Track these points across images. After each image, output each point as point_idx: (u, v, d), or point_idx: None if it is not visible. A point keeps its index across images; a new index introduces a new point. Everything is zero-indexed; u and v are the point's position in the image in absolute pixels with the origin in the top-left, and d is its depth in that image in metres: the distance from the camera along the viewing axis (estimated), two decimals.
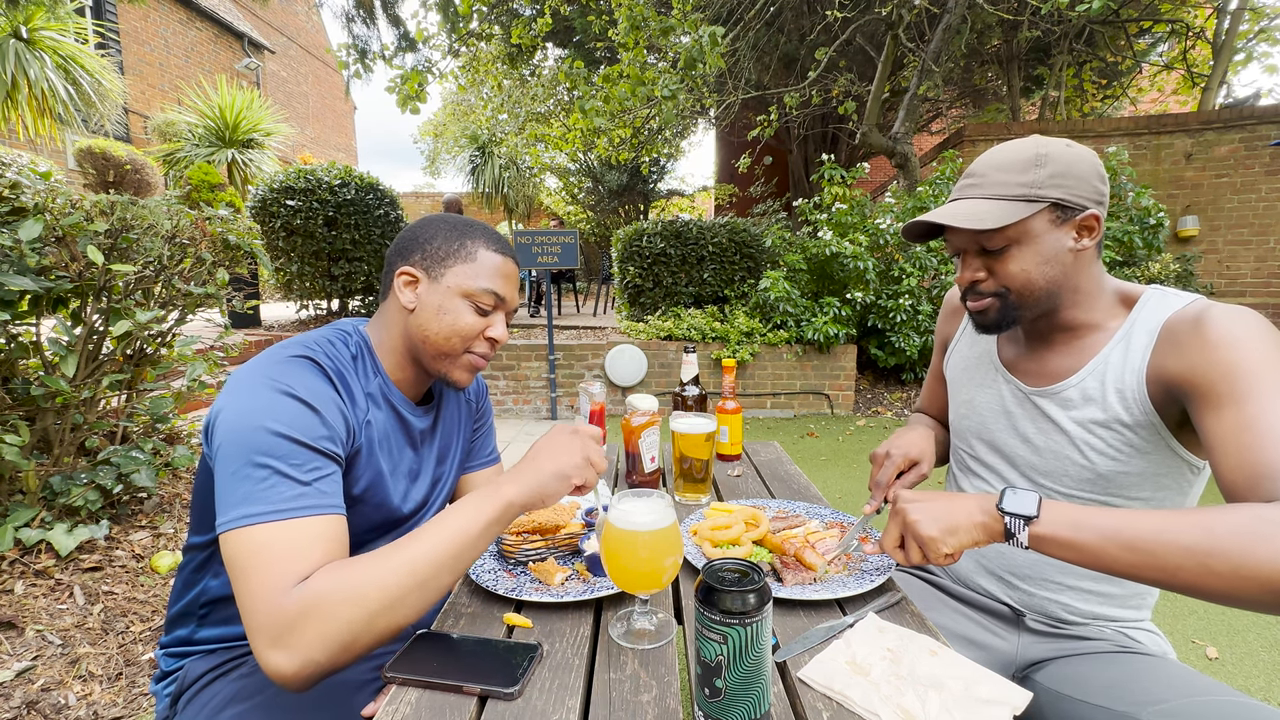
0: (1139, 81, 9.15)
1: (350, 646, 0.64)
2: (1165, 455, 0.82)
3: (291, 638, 0.62)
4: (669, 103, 5.22)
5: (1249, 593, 0.58)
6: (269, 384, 0.73)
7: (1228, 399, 0.69)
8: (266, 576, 0.64)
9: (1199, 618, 2.11)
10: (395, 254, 0.91)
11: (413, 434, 0.94)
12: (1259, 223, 5.93)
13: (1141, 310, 0.85)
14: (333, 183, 5.73)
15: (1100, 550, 0.64)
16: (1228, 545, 0.58)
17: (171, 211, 2.23)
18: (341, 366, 0.83)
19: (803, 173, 9.78)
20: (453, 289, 0.88)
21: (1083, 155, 0.84)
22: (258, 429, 0.70)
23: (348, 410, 0.80)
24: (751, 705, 0.59)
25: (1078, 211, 0.83)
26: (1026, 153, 0.84)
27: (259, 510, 0.67)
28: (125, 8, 10.22)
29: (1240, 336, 0.71)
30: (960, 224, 0.83)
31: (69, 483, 2.02)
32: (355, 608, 0.63)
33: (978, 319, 0.92)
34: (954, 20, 5.51)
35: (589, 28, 7.25)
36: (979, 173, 0.87)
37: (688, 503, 1.20)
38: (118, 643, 1.74)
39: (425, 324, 0.88)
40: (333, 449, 0.75)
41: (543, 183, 13.95)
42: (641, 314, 5.86)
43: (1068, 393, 0.88)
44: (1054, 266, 0.84)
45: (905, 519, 0.75)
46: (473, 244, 0.90)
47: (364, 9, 8.36)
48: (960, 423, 1.06)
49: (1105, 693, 0.78)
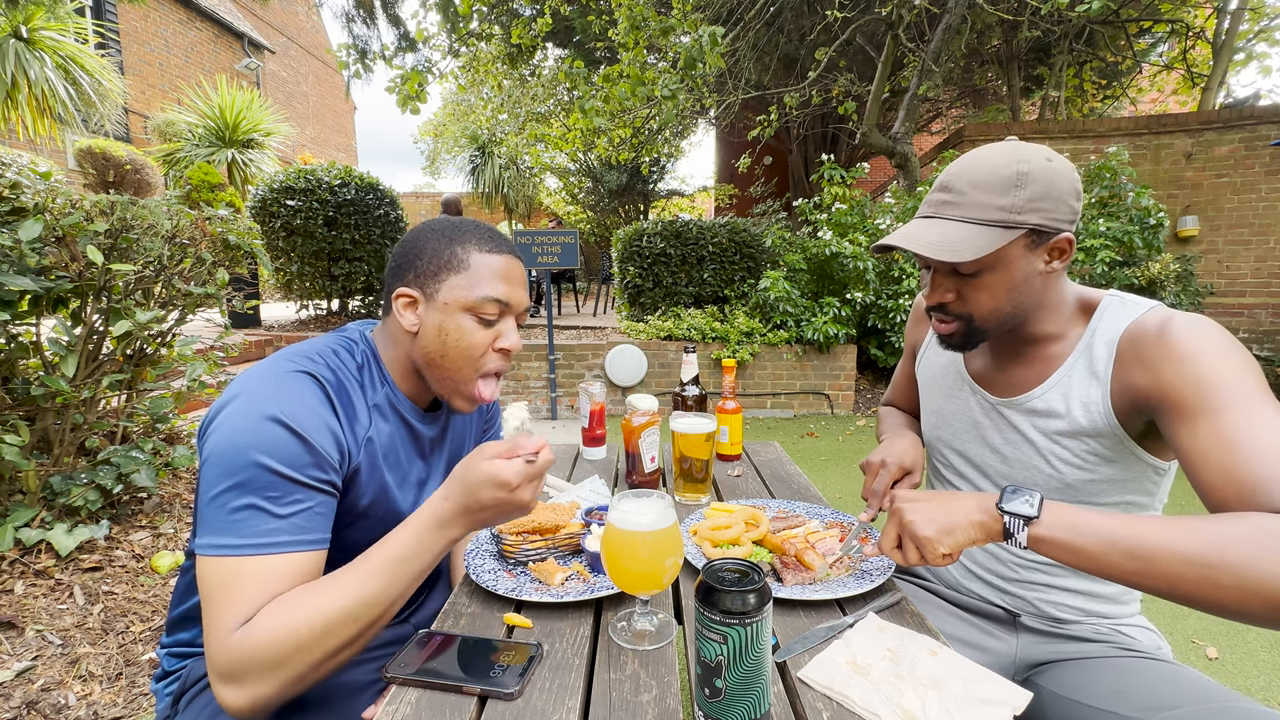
0: (1139, 81, 9.15)
1: (299, 682, 0.66)
2: (1131, 461, 0.83)
3: (240, 677, 0.64)
4: (669, 103, 5.21)
5: (1253, 608, 0.57)
6: (263, 406, 0.70)
7: (1199, 412, 0.69)
8: (221, 613, 0.65)
9: (1199, 618, 2.11)
10: (391, 273, 0.87)
11: (422, 442, 0.92)
12: (1259, 223, 5.92)
13: (1101, 319, 0.84)
14: (333, 183, 5.73)
15: (1100, 556, 0.64)
16: (1232, 558, 0.57)
17: (171, 211, 2.23)
18: (344, 380, 0.81)
19: (803, 173, 9.78)
20: (451, 305, 0.81)
21: (1062, 172, 0.80)
22: (242, 456, 0.68)
23: (344, 432, 0.77)
24: (751, 705, 0.59)
25: (1053, 235, 0.80)
26: (1007, 170, 0.79)
27: (229, 542, 0.67)
28: (125, 8, 10.22)
29: (1205, 348, 0.72)
30: (936, 256, 0.79)
31: (69, 483, 2.02)
32: (299, 651, 0.65)
33: (943, 340, 0.92)
34: (954, 20, 5.51)
35: (589, 28, 7.25)
36: (956, 188, 0.82)
37: (688, 503, 1.20)
38: (118, 643, 1.74)
39: (429, 348, 0.83)
40: (320, 477, 0.73)
41: (543, 183, 13.95)
42: (641, 314, 5.86)
43: (1033, 404, 0.89)
44: (1022, 292, 0.83)
45: (902, 519, 0.74)
46: (463, 249, 0.83)
47: (364, 9, 8.36)
48: (931, 431, 1.07)
49: (1111, 698, 0.77)
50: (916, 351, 1.16)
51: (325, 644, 0.66)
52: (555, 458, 0.76)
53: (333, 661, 0.68)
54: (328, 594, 0.68)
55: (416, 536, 0.73)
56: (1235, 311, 5.96)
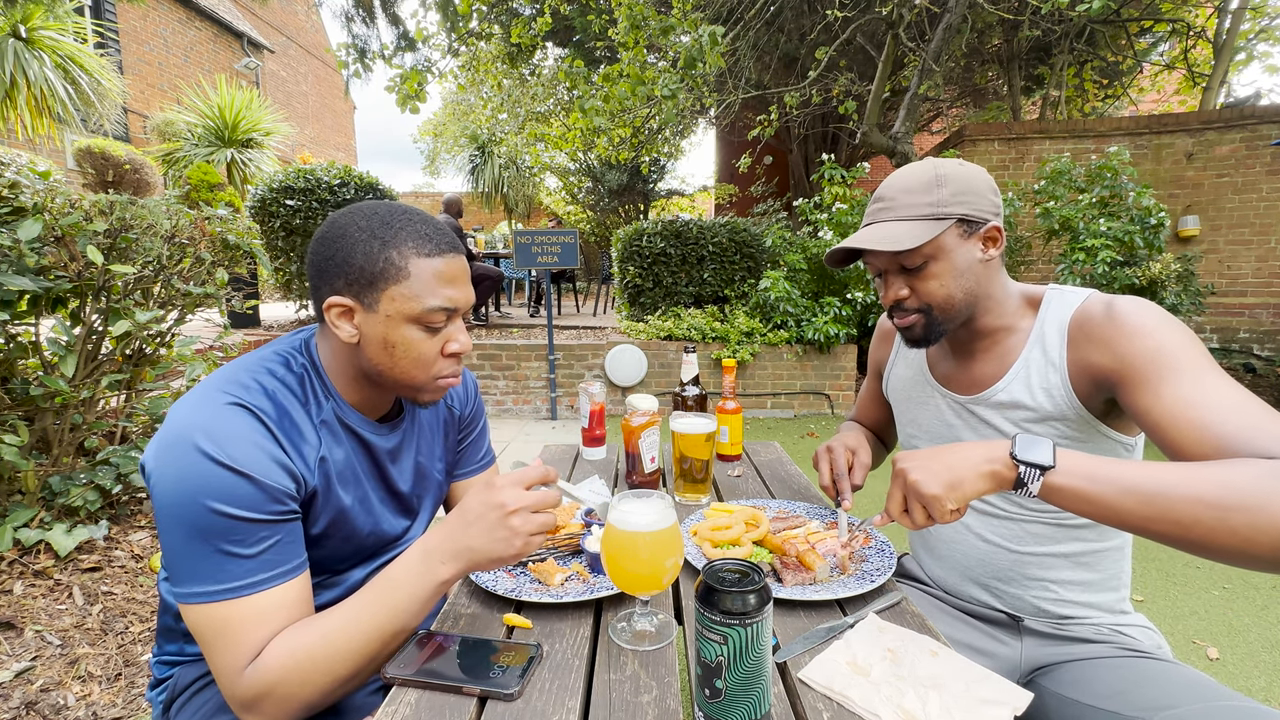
0: (1140, 81, 9.14)
1: (313, 708, 0.70)
2: (1100, 440, 0.87)
3: (257, 708, 0.67)
4: (669, 102, 5.21)
5: (1262, 550, 0.58)
6: (204, 447, 0.67)
7: (1159, 379, 0.74)
8: (225, 658, 0.67)
9: (1200, 618, 2.11)
10: (316, 276, 0.78)
11: (378, 456, 0.86)
12: (1260, 222, 5.92)
13: (1047, 310, 0.91)
14: (332, 182, 5.73)
15: (1116, 503, 0.64)
16: (1247, 499, 0.59)
17: (171, 211, 2.22)
18: (284, 404, 0.75)
19: (803, 172, 9.77)
20: (395, 318, 0.75)
21: (975, 173, 0.91)
22: (194, 504, 0.66)
23: (293, 461, 0.73)
24: (752, 706, 0.59)
25: (981, 225, 0.89)
26: (926, 175, 0.90)
27: (210, 589, 0.67)
28: (124, 7, 10.22)
29: (1153, 322, 0.78)
30: (881, 247, 0.88)
31: (68, 483, 2.02)
32: (305, 687, 0.68)
33: (907, 335, 0.97)
34: (954, 20, 5.51)
35: (589, 27, 7.24)
36: (888, 197, 0.92)
37: (688, 503, 1.19)
38: (117, 643, 1.74)
39: (375, 358, 0.78)
40: (278, 510, 0.71)
41: (542, 182, 13.95)
42: (641, 314, 5.86)
43: (999, 397, 0.93)
44: (968, 278, 0.90)
45: (906, 480, 0.73)
46: (400, 256, 0.75)
47: (363, 8, 8.36)
48: (909, 441, 1.12)
49: (1113, 698, 0.78)
50: (882, 371, 1.21)
51: (330, 676, 0.69)
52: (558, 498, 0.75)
53: (347, 687, 0.71)
54: (327, 629, 0.69)
55: (403, 564, 0.73)
56: (1236, 311, 5.96)
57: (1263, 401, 0.69)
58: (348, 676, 0.70)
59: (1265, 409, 0.68)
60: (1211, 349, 5.88)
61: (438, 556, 0.72)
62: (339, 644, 0.69)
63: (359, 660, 0.69)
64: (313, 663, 0.67)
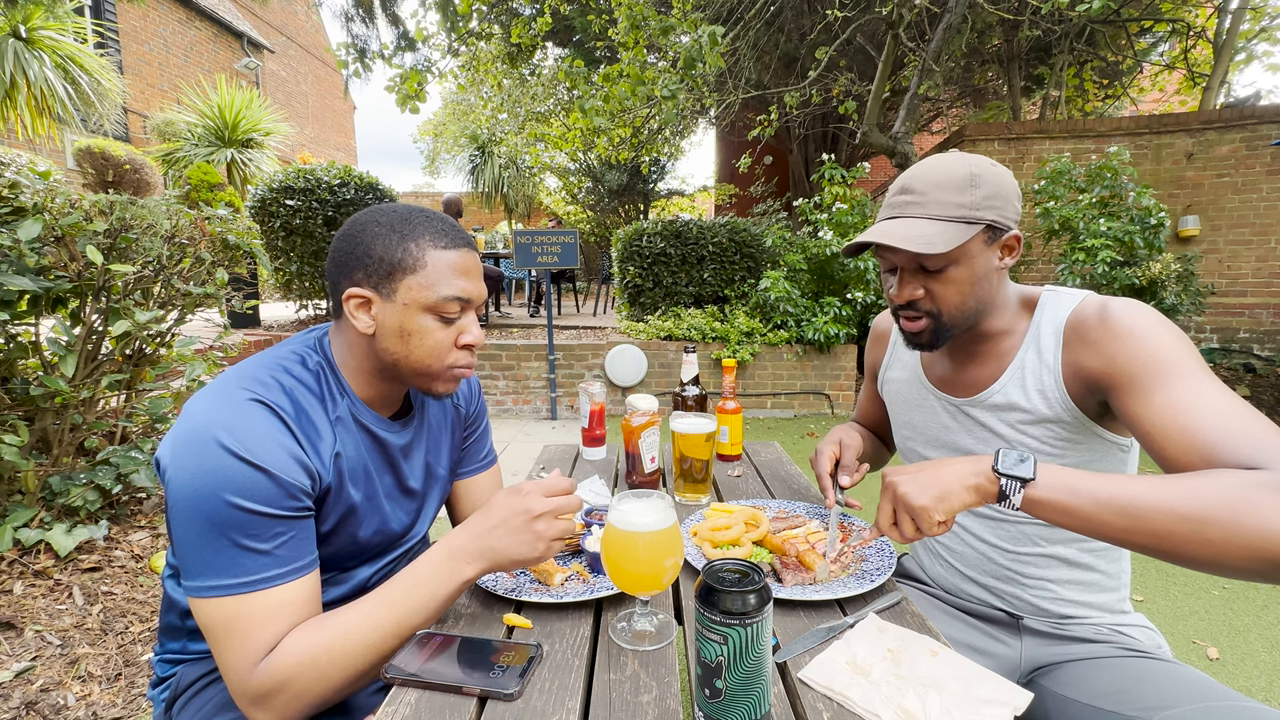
0: (1140, 81, 9.14)
1: (324, 704, 0.70)
2: (1095, 442, 0.87)
3: (267, 704, 0.67)
4: (669, 102, 5.21)
5: (1235, 560, 0.59)
6: (221, 440, 0.68)
7: (1150, 385, 0.73)
8: (235, 653, 0.67)
9: (1199, 618, 2.11)
10: (336, 270, 0.81)
11: (391, 453, 0.88)
12: (1260, 222, 5.91)
13: (1043, 312, 0.90)
14: (332, 182, 5.73)
15: (1093, 515, 0.65)
16: (1219, 513, 0.59)
17: (171, 211, 2.22)
18: (300, 400, 0.77)
19: (803, 172, 9.77)
20: (411, 306, 0.78)
21: (1006, 177, 0.88)
22: (212, 497, 0.67)
23: (309, 457, 0.75)
24: (752, 706, 0.59)
25: (1004, 232, 0.86)
26: (961, 172, 0.85)
27: (223, 583, 0.67)
28: (124, 7, 10.21)
29: (1146, 326, 0.77)
30: (912, 248, 0.83)
31: (68, 483, 2.02)
32: (319, 683, 0.68)
33: (911, 338, 0.94)
34: (954, 20, 5.51)
35: (589, 27, 7.25)
36: (918, 190, 0.87)
37: (688, 503, 1.19)
38: (117, 643, 1.74)
39: (391, 348, 0.80)
40: (294, 506, 0.72)
41: (543, 182, 13.94)
42: (641, 314, 5.85)
43: (994, 399, 0.92)
44: (983, 286, 0.88)
45: (895, 492, 0.74)
46: (417, 247, 0.79)
47: (363, 8, 8.36)
48: (905, 443, 1.11)
49: (1113, 697, 0.78)
50: (877, 373, 1.20)
51: (346, 671, 0.69)
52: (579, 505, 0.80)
53: (358, 684, 0.71)
54: (346, 624, 0.70)
55: (427, 562, 0.74)
56: (1236, 311, 5.96)
57: (1252, 407, 0.69)
58: (362, 672, 0.70)
59: (1253, 415, 0.67)
60: (1212, 349, 5.88)
61: (463, 556, 0.74)
62: (358, 640, 0.69)
63: (376, 656, 0.70)
64: (330, 658, 0.68)
